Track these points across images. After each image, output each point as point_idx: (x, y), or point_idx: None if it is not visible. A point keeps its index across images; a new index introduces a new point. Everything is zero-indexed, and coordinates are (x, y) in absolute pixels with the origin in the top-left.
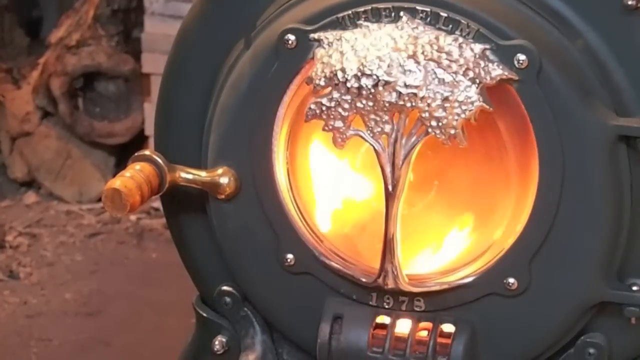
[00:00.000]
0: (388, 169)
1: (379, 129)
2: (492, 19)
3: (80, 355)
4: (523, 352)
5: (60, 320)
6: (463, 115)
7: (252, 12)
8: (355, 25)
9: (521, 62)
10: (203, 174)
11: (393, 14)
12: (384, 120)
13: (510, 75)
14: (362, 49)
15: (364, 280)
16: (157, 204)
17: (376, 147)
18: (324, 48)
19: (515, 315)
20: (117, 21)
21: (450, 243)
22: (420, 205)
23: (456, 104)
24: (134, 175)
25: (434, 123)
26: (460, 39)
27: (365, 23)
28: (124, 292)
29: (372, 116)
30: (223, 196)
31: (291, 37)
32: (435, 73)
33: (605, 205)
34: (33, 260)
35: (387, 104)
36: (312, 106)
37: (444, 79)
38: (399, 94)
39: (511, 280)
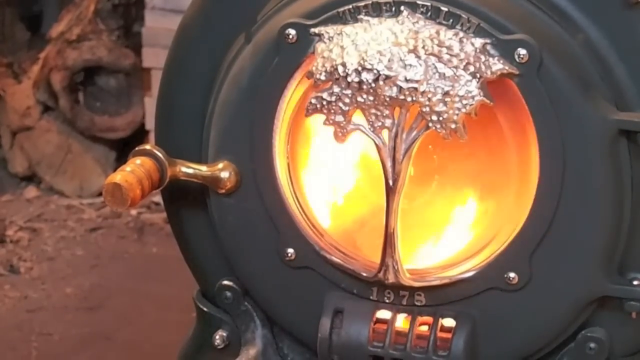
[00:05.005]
0: (389, 164)
1: (380, 124)
2: (493, 14)
3: (81, 350)
4: (523, 347)
5: (60, 314)
6: (464, 110)
7: (252, 6)
8: (356, 20)
9: (522, 56)
10: (204, 169)
11: (394, 9)
12: (384, 114)
13: (511, 69)
14: (363, 44)
15: (364, 274)
16: (158, 198)
17: (377, 142)
18: (325, 42)
19: (516, 309)
20: (117, 16)
21: (450, 237)
22: (420, 199)
23: (457, 99)
24: (135, 170)
25: (434, 117)
26: (461, 34)
27: (366, 17)
28: (124, 287)
29: (373, 111)
30: (223, 191)
31: (292, 32)
32: (435, 67)
33: (606, 200)
34: (34, 255)
35: (387, 99)
36: (313, 100)
37: (444, 74)
38: (400, 88)
39: (512, 274)
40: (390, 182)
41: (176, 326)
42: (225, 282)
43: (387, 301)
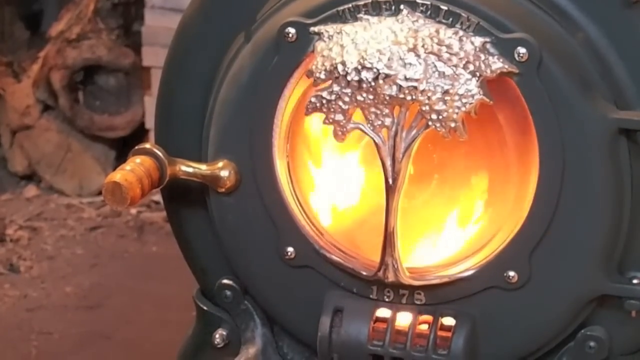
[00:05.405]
0: (388, 162)
1: (379, 122)
2: (493, 12)
3: (81, 349)
4: (523, 346)
5: (60, 313)
6: (463, 109)
7: (252, 5)
8: (356, 19)
9: (521, 55)
10: (203, 168)
11: (393, 7)
12: (384, 113)
13: (511, 68)
14: (363, 42)
15: (364, 273)
16: (158, 197)
17: (376, 141)
18: (325, 41)
19: (516, 308)
20: (117, 14)
21: (450, 236)
22: (420, 198)
23: (456, 97)
24: (135, 169)
25: (434, 116)
26: (461, 32)
27: (366, 16)
28: (124, 286)
29: (373, 109)
30: (223, 189)
31: (291, 31)
32: (435, 66)
33: (605, 198)
34: (33, 254)
35: (387, 97)
36: (313, 99)
37: (444, 72)
38: (399, 87)
39: (511, 273)
40: (390, 181)
41: (176, 325)
42: (225, 281)
43: (386, 300)
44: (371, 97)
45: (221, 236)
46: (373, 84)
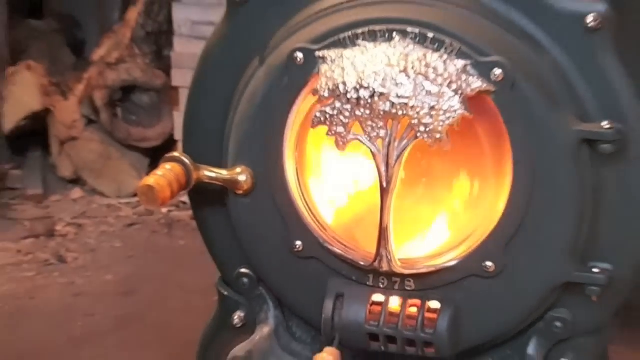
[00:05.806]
0: (383, 168)
1: (375, 134)
2: (472, 39)
3: (118, 329)
4: (499, 326)
5: (101, 298)
6: (447, 122)
7: (265, 33)
8: (355, 45)
9: (497, 75)
10: (224, 173)
11: (387, 35)
12: (379, 126)
13: (488, 87)
14: (361, 65)
15: (362, 263)
16: (185, 198)
17: (373, 150)
18: (328, 64)
19: (493, 294)
20: (150, 42)
21: (436, 231)
22: (410, 198)
23: (441, 112)
24: (165, 174)
25: (422, 128)
26: (445, 56)
27: (363, 42)
28: (156, 275)
29: (369, 123)
30: (241, 192)
31: (299, 55)
32: (423, 85)
33: (570, 199)
34: (79, 247)
35: (382, 112)
36: (318, 114)
37: (430, 91)
38: (392, 103)
39: (489, 263)
40: (384, 184)
41: (200, 308)
42: (243, 270)
43: (381, 286)
44: (368, 112)
45: (239, 232)
46: (370, 101)
